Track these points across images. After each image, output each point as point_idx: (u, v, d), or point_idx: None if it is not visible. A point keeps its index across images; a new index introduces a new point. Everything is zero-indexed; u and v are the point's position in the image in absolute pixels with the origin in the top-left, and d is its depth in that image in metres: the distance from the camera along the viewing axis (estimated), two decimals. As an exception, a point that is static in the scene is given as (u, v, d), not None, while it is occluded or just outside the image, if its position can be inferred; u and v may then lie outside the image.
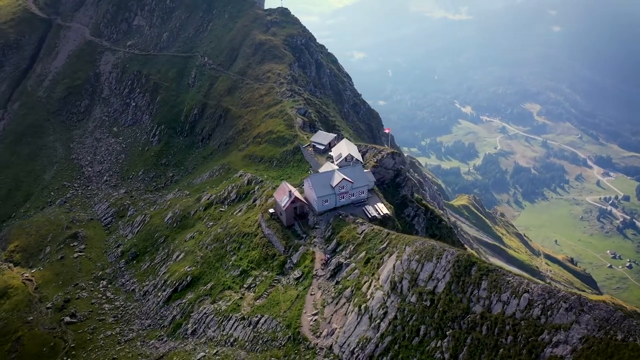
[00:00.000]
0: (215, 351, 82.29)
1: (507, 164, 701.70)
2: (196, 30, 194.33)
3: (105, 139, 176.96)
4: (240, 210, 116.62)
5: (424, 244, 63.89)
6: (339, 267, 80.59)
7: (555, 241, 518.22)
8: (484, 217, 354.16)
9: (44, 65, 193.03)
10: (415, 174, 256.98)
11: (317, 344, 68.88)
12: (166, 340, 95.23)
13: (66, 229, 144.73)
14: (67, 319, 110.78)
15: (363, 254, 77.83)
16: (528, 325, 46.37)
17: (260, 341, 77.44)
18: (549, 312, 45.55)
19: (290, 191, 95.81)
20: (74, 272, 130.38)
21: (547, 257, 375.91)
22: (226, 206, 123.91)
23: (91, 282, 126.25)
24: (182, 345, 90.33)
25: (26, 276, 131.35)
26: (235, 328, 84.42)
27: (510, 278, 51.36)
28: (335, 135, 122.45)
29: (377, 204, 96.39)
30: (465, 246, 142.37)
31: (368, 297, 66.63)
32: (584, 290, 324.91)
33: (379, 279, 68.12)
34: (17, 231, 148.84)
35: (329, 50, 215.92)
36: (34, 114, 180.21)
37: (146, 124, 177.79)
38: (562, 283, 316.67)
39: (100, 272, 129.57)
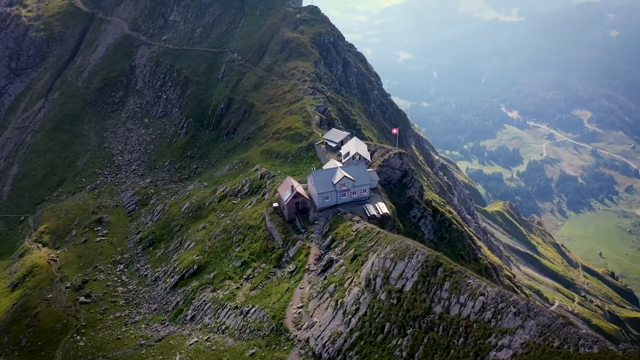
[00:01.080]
0: (207, 337, 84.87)
1: (552, 172, 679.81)
2: (228, 27, 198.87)
3: (136, 130, 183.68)
4: (250, 204, 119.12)
5: (401, 243, 64.12)
6: (330, 263, 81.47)
7: (600, 254, 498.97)
8: (518, 225, 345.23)
9: (84, 57, 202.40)
10: (445, 177, 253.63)
11: (296, 336, 70.18)
12: (167, 325, 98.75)
13: (92, 213, 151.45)
14: (82, 298, 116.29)
15: (352, 251, 78.48)
16: (479, 327, 46.15)
17: (248, 330, 79.39)
18: (499, 316, 45.21)
19: (292, 186, 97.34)
20: (95, 255, 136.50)
21: (586, 269, 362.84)
22: (239, 199, 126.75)
23: (109, 266, 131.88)
24: (180, 330, 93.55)
25: (51, 256, 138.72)
26: (228, 316, 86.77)
27: (471, 280, 51.09)
28: (347, 133, 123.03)
29: (378, 203, 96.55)
30: (479, 254, 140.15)
31: (346, 293, 67.36)
32: (622, 307, 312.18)
33: (359, 275, 68.71)
34: (48, 214, 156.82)
35: (371, 50, 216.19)
36: (72, 103, 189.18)
37: (175, 116, 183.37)
38: (598, 297, 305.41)
39: (119, 257, 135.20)
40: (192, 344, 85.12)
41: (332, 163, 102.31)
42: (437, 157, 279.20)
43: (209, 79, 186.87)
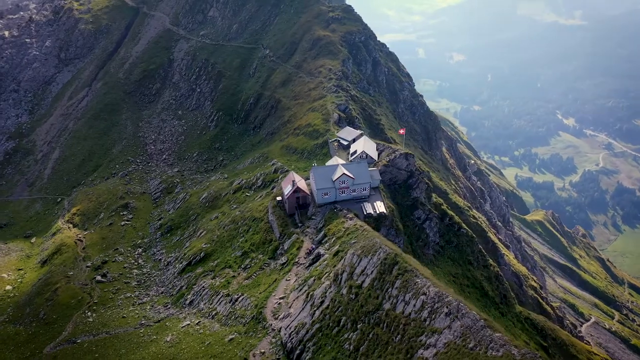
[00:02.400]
0: (198, 321, 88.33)
1: (608, 184, 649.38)
2: (263, 24, 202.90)
3: (169, 121, 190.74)
4: (260, 197, 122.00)
5: (370, 241, 64.82)
6: (318, 257, 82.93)
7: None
8: (559, 236, 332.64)
9: (127, 49, 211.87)
10: (478, 182, 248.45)
11: (271, 325, 72.24)
12: (169, 307, 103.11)
13: (120, 199, 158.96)
14: (99, 277, 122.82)
15: (337, 247, 79.56)
16: (415, 326, 46.60)
17: (233, 317, 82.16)
18: (433, 315, 45.51)
19: (293, 181, 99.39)
20: (117, 237, 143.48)
21: (632, 287, 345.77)
22: (252, 192, 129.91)
23: (129, 249, 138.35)
24: (178, 313, 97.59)
25: (79, 237, 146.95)
26: (220, 303, 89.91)
27: (418, 280, 51.38)
28: (360, 132, 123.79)
29: (376, 202, 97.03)
30: (490, 261, 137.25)
31: (318, 286, 68.72)
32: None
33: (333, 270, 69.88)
34: (81, 197, 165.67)
35: (424, 50, 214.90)
36: (112, 93, 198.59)
37: (207, 109, 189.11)
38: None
39: (140, 241, 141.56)
40: (184, 326, 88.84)
41: (335, 160, 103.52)
42: (472, 162, 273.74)
43: (241, 74, 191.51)
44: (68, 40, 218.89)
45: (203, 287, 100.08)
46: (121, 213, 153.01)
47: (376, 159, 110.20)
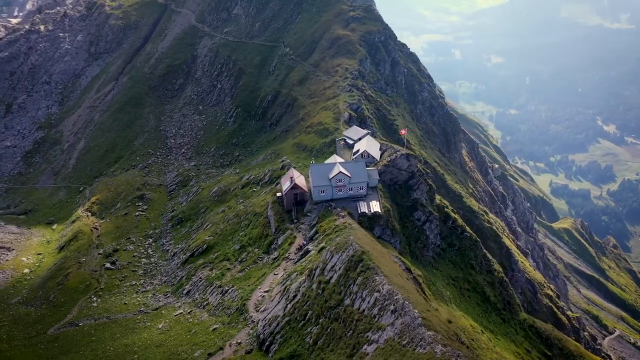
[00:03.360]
0: (190, 310, 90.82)
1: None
2: (285, 22, 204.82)
3: (190, 116, 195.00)
4: (265, 192, 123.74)
5: (345, 238, 65.43)
6: (306, 253, 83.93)
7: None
8: (587, 245, 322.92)
9: (153, 45, 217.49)
10: (500, 187, 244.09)
11: (251, 317, 73.78)
12: (168, 296, 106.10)
13: (137, 190, 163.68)
14: (108, 265, 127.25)
15: (323, 243, 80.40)
16: (365, 322, 47.21)
17: (221, 307, 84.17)
18: (382, 313, 45.98)
19: (291, 177, 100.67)
20: (131, 227, 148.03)
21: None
22: (259, 187, 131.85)
23: (141, 239, 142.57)
24: (175, 302, 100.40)
25: (95, 225, 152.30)
26: (212, 294, 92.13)
27: (377, 277, 51.85)
28: (366, 131, 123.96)
29: (372, 201, 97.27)
30: (495, 266, 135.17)
31: (296, 281, 69.75)
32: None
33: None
34: (102, 187, 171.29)
35: (460, 52, 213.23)
36: (137, 88, 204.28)
37: (227, 105, 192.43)
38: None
39: (151, 231, 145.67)
40: (176, 315, 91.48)
41: (334, 158, 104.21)
42: (497, 166, 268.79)
43: (261, 71, 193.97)
44: (98, 35, 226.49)
45: (200, 278, 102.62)
46: (137, 204, 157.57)
47: (378, 159, 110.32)
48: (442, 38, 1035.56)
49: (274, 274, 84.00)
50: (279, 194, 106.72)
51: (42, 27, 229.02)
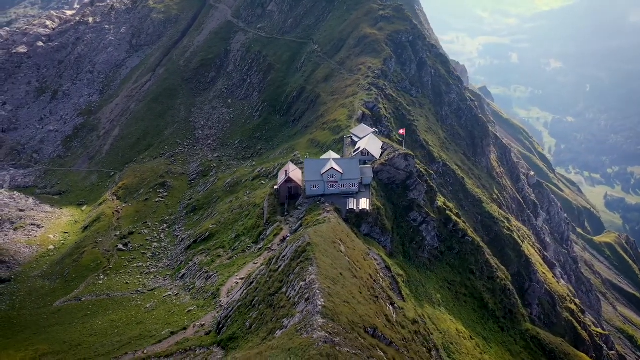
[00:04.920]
0: (177, 293, 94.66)
1: None
2: (316, 19, 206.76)
3: (219, 108, 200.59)
4: (270, 185, 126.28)
5: (304, 230, 66.72)
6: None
7: None
8: (631, 262, 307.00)
9: (190, 38, 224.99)
10: (533, 195, 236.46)
11: (220, 302, 76.33)
12: (166, 279, 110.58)
13: (160, 177, 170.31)
14: (120, 246, 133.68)
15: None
16: (287, 309, 48.55)
17: (202, 292, 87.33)
18: (300, 301, 47.19)
19: (286, 171, 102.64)
20: (149, 212, 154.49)
21: None
22: (268, 180, 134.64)
23: (156, 223, 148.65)
24: (169, 284, 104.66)
25: (117, 208, 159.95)
26: (200, 278, 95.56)
27: (310, 268, 53.00)
28: (372, 130, 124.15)
29: (362, 199, 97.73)
30: (499, 273, 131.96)
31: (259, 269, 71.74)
32: None
33: (279, 256, 72.56)
34: (130, 173, 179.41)
35: (517, 55, 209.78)
36: (172, 79, 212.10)
37: (254, 100, 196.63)
38: None
39: (167, 217, 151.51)
40: (165, 296, 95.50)
41: (329, 154, 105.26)
42: (533, 173, 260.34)
43: (289, 67, 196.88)
44: (140, 28, 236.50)
45: (195, 263, 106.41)
46: (158, 190, 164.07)
47: (377, 157, 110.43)
48: (498, 40, 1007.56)
49: (254, 263, 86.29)
50: (276, 187, 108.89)
51: (90, 19, 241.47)
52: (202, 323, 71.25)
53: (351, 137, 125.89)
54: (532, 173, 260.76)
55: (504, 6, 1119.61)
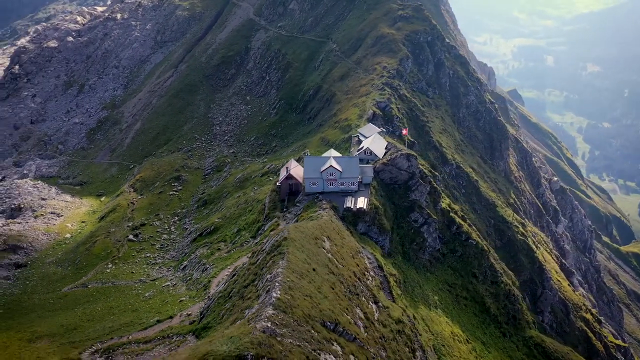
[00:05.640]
0: (175, 283, 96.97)
1: None
2: (336, 18, 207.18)
3: (237, 105, 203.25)
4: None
5: (285, 226, 67.58)
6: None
7: None
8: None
9: (213, 36, 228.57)
10: (554, 201, 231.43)
11: (208, 293, 77.94)
12: (169, 270, 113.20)
13: (175, 171, 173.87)
14: (131, 236, 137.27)
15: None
16: (251, 300, 49.55)
17: (196, 283, 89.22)
18: (262, 292, 48.12)
19: (287, 168, 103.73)
20: (162, 205, 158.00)
21: None
22: (275, 176, 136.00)
23: (168, 216, 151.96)
24: (170, 275, 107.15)
25: (133, 200, 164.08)
26: (197, 270, 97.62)
27: (281, 262, 53.83)
28: (379, 129, 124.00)
29: (360, 197, 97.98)
30: (504, 279, 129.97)
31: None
32: None
33: (266, 250, 73.73)
34: (147, 166, 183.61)
35: (553, 58, 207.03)
36: (193, 76, 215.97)
37: (272, 97, 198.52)
38: None
39: (179, 210, 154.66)
40: (164, 286, 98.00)
41: (330, 152, 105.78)
42: (556, 179, 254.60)
43: (307, 66, 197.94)
44: (165, 25, 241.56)
45: (197, 255, 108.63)
46: (173, 184, 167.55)
47: (380, 157, 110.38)
48: (534, 42, 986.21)
49: (247, 257, 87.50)
50: (278, 183, 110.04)
51: (118, 15, 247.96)
52: (189, 313, 72.99)
53: (358, 136, 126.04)
54: (556, 178, 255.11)
55: (542, 7, 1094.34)
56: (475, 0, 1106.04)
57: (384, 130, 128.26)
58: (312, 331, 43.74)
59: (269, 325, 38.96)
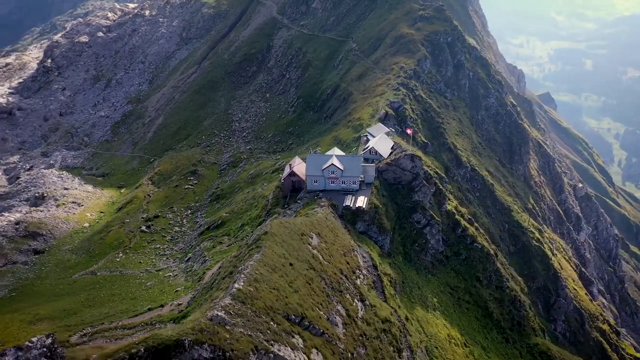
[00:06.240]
0: (176, 274, 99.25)
1: None
2: (357, 18, 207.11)
3: (257, 102, 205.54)
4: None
5: (271, 222, 68.69)
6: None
7: None
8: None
9: (236, 33, 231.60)
10: (577, 208, 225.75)
11: (201, 284, 79.65)
12: (175, 261, 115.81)
13: (192, 165, 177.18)
14: (143, 228, 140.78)
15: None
16: (222, 291, 50.71)
17: (193, 274, 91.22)
18: (230, 283, 49.25)
19: (290, 165, 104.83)
20: (177, 198, 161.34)
21: None
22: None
23: (182, 209, 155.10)
24: (174, 266, 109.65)
25: (149, 192, 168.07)
26: (198, 262, 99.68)
27: (256, 255, 54.86)
28: (387, 129, 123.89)
29: (360, 196, 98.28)
30: (510, 284, 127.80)
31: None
32: None
33: (256, 244, 75.00)
34: (167, 160, 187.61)
35: (591, 62, 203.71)
36: (215, 72, 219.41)
37: (291, 95, 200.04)
38: None
39: (193, 204, 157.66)
40: (166, 276, 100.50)
41: (333, 151, 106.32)
42: (581, 185, 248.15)
43: (327, 64, 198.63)
44: (191, 22, 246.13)
45: (200, 248, 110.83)
46: (189, 178, 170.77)
47: (384, 157, 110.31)
48: (572, 45, 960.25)
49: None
50: (281, 180, 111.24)
51: (147, 12, 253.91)
52: (180, 302, 74.75)
53: (367, 135, 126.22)
54: (581, 185, 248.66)
55: (582, 9, 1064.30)
56: (513, 2, 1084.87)
57: (394, 130, 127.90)
58: (271, 323, 44.64)
59: (221, 314, 40.02)
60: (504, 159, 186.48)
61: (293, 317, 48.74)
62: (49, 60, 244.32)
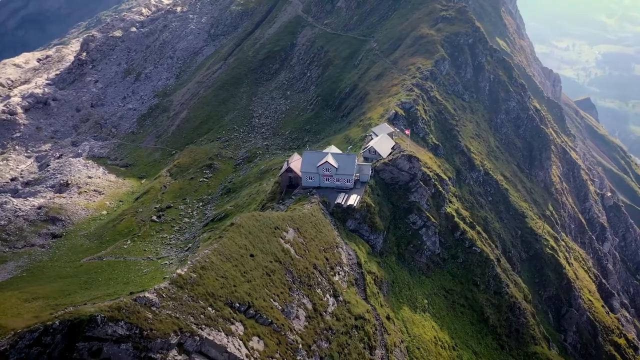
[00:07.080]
0: (171, 262, 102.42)
1: None
2: (380, 17, 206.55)
3: (278, 99, 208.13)
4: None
5: (251, 216, 70.39)
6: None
7: None
8: None
9: (262, 31, 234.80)
10: (602, 217, 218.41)
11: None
12: (178, 251, 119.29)
13: (209, 159, 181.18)
14: (154, 217, 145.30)
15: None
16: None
17: (183, 263, 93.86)
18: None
19: (287, 161, 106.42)
20: (191, 190, 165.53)
21: None
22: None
23: (194, 201, 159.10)
24: (174, 255, 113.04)
25: (165, 184, 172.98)
26: (194, 253, 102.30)
27: (215, 244, 56.56)
28: (392, 129, 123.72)
29: (352, 195, 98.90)
30: (510, 291, 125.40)
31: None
32: None
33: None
34: (186, 153, 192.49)
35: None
36: (239, 68, 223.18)
37: (310, 93, 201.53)
38: None
39: (205, 197, 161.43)
40: (163, 264, 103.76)
41: (330, 148, 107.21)
42: (610, 194, 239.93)
43: (347, 63, 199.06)
44: (219, 19, 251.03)
45: (200, 239, 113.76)
46: (204, 171, 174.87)
47: (383, 157, 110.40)
48: (622, 50, 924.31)
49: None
50: (279, 176, 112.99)
51: (178, 9, 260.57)
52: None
53: (371, 134, 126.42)
54: (609, 194, 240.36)
55: (634, 12, 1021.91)
56: (560, 4, 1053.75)
57: (399, 130, 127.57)
58: (209, 309, 46.22)
59: (151, 296, 41.85)
60: (524, 164, 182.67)
61: (237, 305, 50.28)
62: (84, 54, 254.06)
